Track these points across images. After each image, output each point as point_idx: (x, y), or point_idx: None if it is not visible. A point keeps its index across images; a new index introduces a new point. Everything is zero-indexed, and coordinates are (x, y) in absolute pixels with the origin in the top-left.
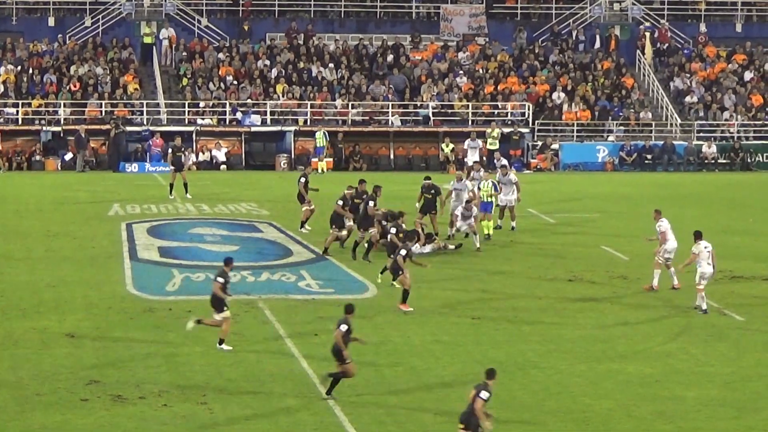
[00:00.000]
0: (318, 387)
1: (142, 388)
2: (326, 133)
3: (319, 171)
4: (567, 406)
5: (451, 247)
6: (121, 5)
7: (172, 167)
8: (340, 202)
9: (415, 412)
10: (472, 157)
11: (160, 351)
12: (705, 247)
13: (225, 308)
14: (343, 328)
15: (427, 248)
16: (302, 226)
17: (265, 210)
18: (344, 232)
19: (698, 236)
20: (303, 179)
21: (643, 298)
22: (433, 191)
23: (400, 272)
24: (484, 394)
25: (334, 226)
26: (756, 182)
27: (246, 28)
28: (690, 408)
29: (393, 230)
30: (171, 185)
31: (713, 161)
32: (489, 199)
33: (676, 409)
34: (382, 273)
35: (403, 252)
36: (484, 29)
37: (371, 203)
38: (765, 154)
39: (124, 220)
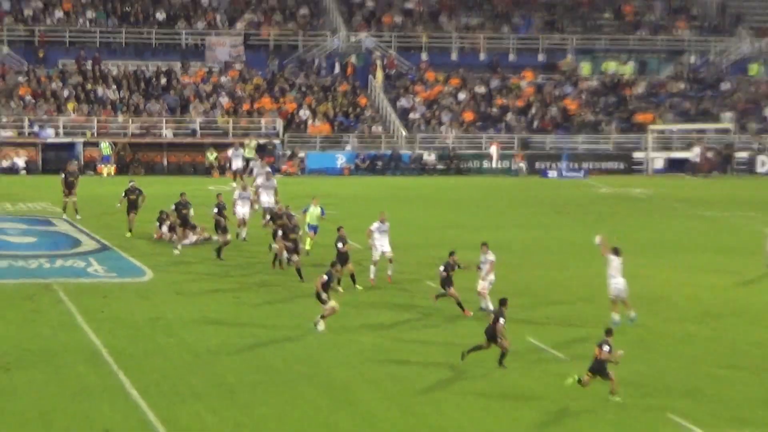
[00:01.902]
0: (105, 356)
1: None
2: (111, 144)
3: (105, 175)
4: (310, 371)
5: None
6: None
7: None
8: (215, 210)
9: (185, 376)
10: (236, 163)
11: None
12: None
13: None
14: (324, 278)
15: (193, 238)
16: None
17: (58, 208)
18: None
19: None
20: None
21: (378, 285)
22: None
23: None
24: (605, 348)
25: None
26: (467, 184)
27: (41, 55)
28: (415, 372)
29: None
30: None
31: (433, 167)
32: (315, 223)
33: (404, 373)
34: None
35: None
36: (242, 57)
37: (340, 244)
38: (475, 161)
39: None
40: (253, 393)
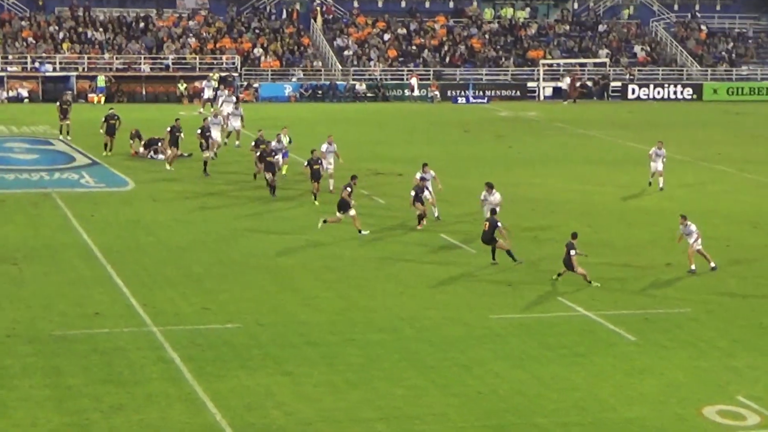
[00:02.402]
0: (95, 252)
1: None
2: (106, 77)
3: (95, 103)
4: (262, 263)
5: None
6: None
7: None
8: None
9: (161, 267)
10: (207, 93)
11: None
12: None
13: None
14: (348, 190)
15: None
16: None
17: (56, 130)
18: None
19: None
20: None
21: (306, 197)
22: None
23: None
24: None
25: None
26: (392, 109)
27: (41, 3)
28: (347, 263)
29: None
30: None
31: (363, 95)
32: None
33: (338, 264)
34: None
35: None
36: (206, 5)
37: (348, 189)
38: (398, 90)
39: None
40: (216, 281)
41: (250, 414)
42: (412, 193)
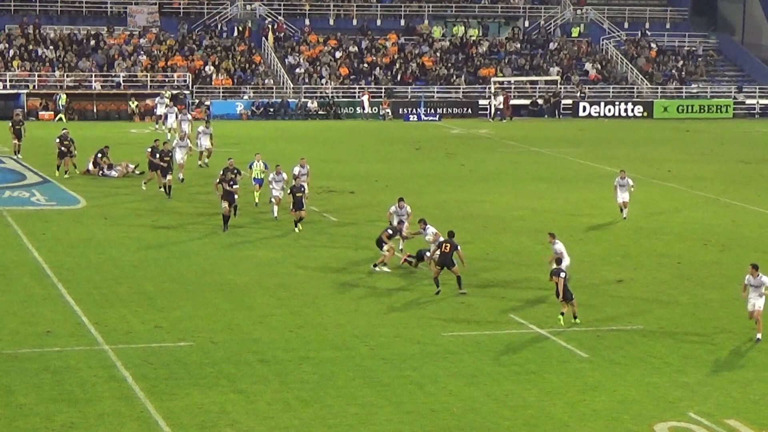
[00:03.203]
0: (46, 270)
1: None
2: (66, 96)
3: (54, 120)
4: (216, 280)
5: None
6: None
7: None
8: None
9: (113, 285)
10: (160, 109)
11: None
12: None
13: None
14: (389, 230)
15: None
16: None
17: (6, 147)
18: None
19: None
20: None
21: (263, 215)
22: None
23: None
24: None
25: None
26: (343, 127)
27: None
28: (301, 280)
29: None
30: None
31: (315, 113)
32: (260, 176)
33: (292, 281)
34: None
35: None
36: (157, 22)
37: (405, 224)
38: (349, 108)
39: None
40: (168, 299)
41: None
42: (389, 231)
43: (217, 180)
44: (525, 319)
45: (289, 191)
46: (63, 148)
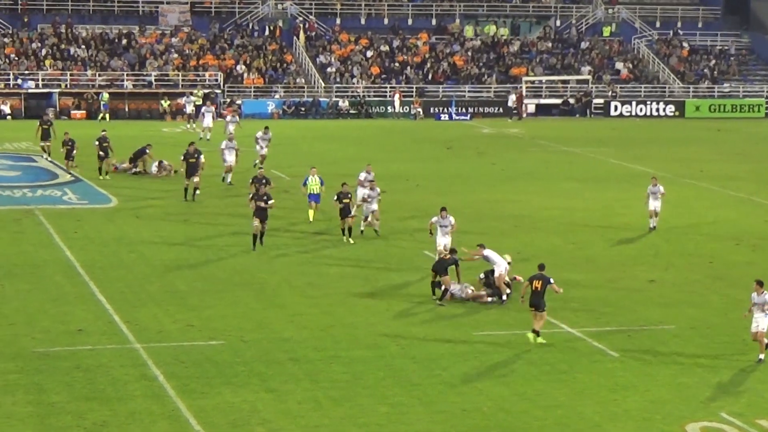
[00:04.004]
0: (78, 268)
1: None
2: (108, 95)
3: (104, 120)
4: (247, 280)
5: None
6: None
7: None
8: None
9: (144, 284)
10: (188, 108)
11: None
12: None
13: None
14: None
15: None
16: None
17: (38, 147)
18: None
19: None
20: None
21: (301, 209)
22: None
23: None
24: (552, 281)
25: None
26: (374, 126)
27: (24, 20)
28: (332, 279)
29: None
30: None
31: (346, 112)
32: (317, 192)
33: (322, 280)
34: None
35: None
36: (189, 21)
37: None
38: (380, 107)
39: None
40: (200, 298)
41: (235, 431)
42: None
43: (250, 195)
44: (556, 318)
45: (335, 197)
46: (102, 152)
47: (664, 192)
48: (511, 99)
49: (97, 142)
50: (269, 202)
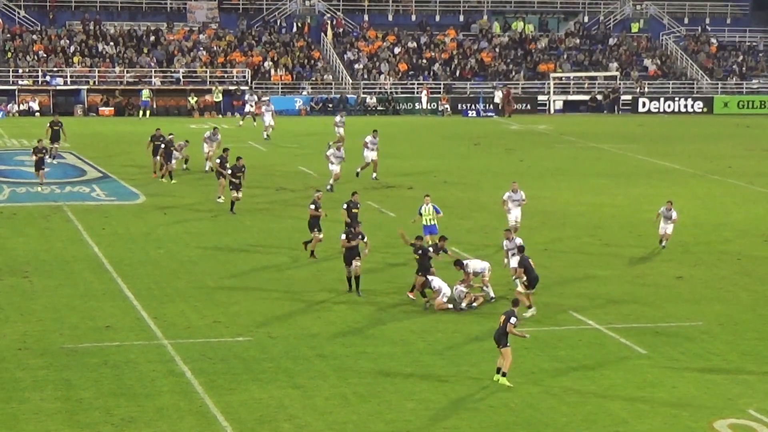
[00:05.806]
0: (106, 264)
1: None
2: (151, 91)
3: (145, 116)
4: (274, 276)
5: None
6: None
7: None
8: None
9: (171, 280)
10: (248, 107)
11: None
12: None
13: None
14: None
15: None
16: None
17: (66, 143)
18: None
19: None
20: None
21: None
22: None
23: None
24: (513, 320)
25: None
26: (402, 123)
27: (52, 17)
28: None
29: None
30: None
31: (374, 108)
32: (432, 222)
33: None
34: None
35: None
36: (216, 18)
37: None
38: (408, 104)
39: None
40: (227, 294)
41: (262, 427)
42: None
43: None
44: (584, 315)
45: (345, 205)
46: (165, 155)
47: (676, 219)
48: (498, 96)
49: (150, 139)
50: (361, 240)
